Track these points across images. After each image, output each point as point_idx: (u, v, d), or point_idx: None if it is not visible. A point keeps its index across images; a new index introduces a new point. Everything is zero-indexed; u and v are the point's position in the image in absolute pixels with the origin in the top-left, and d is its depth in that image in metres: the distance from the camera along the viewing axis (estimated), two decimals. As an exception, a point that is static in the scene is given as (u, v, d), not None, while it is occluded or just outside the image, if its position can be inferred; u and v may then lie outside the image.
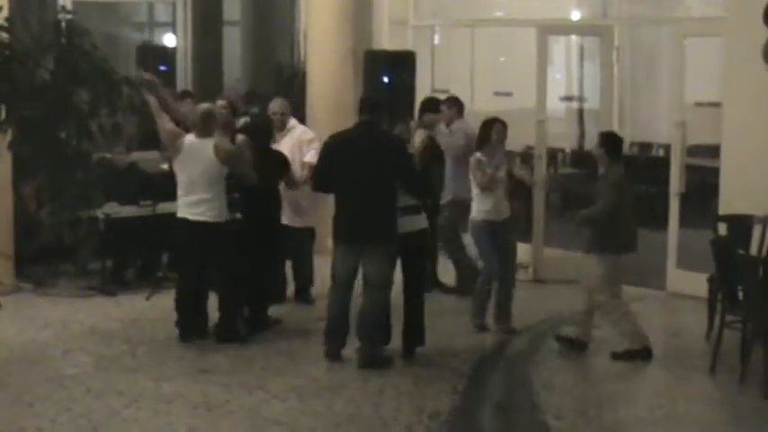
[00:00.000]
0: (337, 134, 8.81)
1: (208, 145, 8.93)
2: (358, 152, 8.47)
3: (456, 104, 11.12)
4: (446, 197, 10.82)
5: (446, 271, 11.29)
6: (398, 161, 8.51)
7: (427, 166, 9.21)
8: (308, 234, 10.58)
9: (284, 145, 10.10)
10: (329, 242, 8.94)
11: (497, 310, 9.72)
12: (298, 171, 9.97)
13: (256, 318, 9.44)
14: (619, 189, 8.97)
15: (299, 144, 10.26)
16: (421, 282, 9.02)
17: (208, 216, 8.94)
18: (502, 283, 9.70)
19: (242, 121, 10.37)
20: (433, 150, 10.45)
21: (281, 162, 9.63)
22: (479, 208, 9.63)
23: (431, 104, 11.11)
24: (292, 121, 10.53)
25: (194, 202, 8.96)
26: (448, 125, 11.02)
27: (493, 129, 9.61)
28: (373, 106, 8.70)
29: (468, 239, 10.37)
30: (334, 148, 8.64)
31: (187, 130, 9.17)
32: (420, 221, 8.80)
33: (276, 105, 10.41)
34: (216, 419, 7.45)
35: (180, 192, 9.10)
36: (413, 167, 8.62)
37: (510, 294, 9.76)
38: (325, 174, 8.64)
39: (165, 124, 9.24)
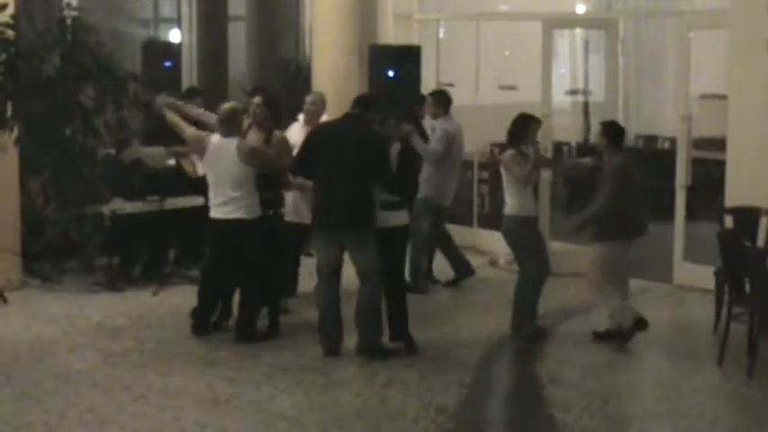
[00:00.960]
0: (323, 123, 9.15)
1: (231, 144, 8.91)
2: (338, 143, 8.60)
3: (443, 100, 10.89)
4: (421, 193, 10.62)
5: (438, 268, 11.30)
6: (374, 156, 8.57)
7: (406, 164, 9.10)
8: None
9: None
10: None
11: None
12: None
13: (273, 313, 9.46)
14: (618, 179, 8.97)
15: None
16: (395, 279, 8.86)
17: (239, 214, 8.91)
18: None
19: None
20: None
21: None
22: (520, 203, 9.29)
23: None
24: (325, 116, 10.39)
25: (223, 202, 8.94)
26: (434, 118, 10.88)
27: (530, 128, 9.40)
28: (364, 102, 8.86)
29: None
30: (317, 137, 8.84)
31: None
32: (396, 217, 8.73)
33: (310, 96, 10.48)
34: (223, 414, 7.46)
35: (210, 192, 9.09)
36: (386, 164, 8.63)
37: (540, 293, 9.54)
38: (303, 160, 8.81)
39: (187, 132, 9.28)
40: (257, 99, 9.53)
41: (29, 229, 10.96)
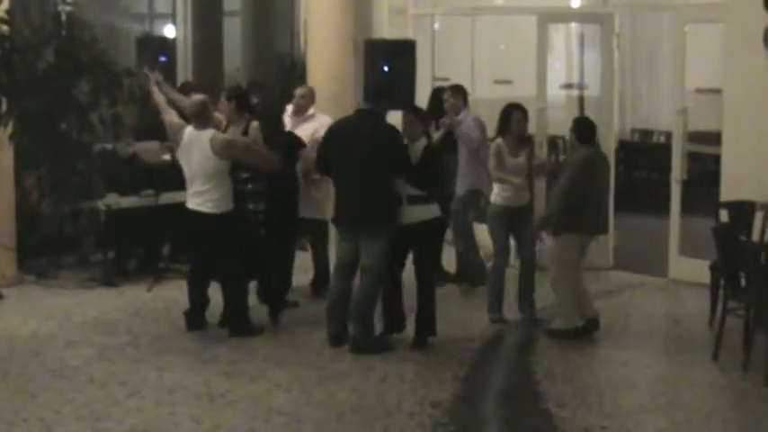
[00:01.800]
0: (338, 120, 9.13)
1: (204, 136, 8.88)
2: (353, 139, 8.65)
3: (461, 93, 10.93)
4: (462, 188, 10.68)
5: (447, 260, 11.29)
6: (387, 150, 8.60)
7: (439, 155, 9.14)
8: (323, 226, 10.37)
9: (302, 131, 10.17)
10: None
11: (519, 297, 9.73)
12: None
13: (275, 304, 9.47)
14: (577, 174, 9.00)
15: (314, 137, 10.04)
16: (430, 273, 8.91)
17: (207, 207, 8.88)
18: (524, 271, 9.70)
19: None
20: (444, 140, 10.50)
21: (294, 144, 9.66)
22: (498, 192, 9.63)
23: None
24: (312, 110, 10.56)
25: (195, 193, 8.95)
26: (456, 115, 10.86)
27: (512, 116, 9.59)
28: (375, 96, 8.92)
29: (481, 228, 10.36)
30: (333, 134, 8.89)
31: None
32: (427, 211, 8.71)
33: (300, 90, 10.62)
34: (218, 409, 7.46)
35: (187, 183, 9.11)
36: (401, 157, 8.63)
37: (531, 282, 9.72)
38: (322, 158, 8.93)
39: (172, 118, 9.24)
40: (223, 100, 9.61)
41: (24, 224, 10.95)
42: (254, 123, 9.33)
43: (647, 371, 8.55)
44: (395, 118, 9.34)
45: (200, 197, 8.91)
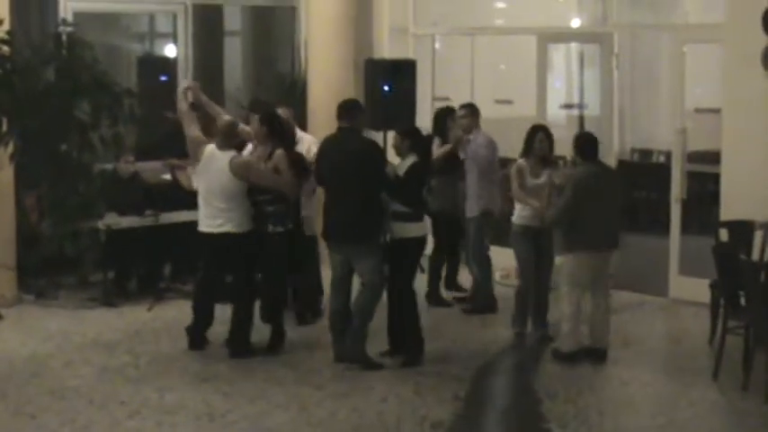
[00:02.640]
0: (325, 138, 9.24)
1: (225, 157, 8.93)
2: (336, 156, 8.82)
3: (473, 113, 10.87)
4: (474, 210, 10.60)
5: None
6: (368, 166, 8.68)
7: (422, 174, 9.12)
8: (313, 242, 10.34)
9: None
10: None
11: (533, 316, 9.71)
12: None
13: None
14: (575, 191, 8.96)
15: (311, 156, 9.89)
16: (404, 292, 8.85)
17: (226, 228, 8.92)
18: (538, 289, 9.68)
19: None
20: (447, 159, 10.51)
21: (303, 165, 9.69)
22: (520, 213, 9.62)
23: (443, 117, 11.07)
24: (299, 133, 10.47)
25: (212, 214, 8.96)
26: (468, 133, 10.82)
27: (536, 137, 9.62)
28: (346, 111, 8.96)
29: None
30: (322, 151, 9.09)
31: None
32: (408, 229, 8.75)
33: (281, 112, 10.32)
34: (218, 429, 7.46)
35: (200, 203, 9.11)
36: (381, 173, 8.71)
37: (545, 301, 9.69)
38: (317, 174, 9.12)
39: (192, 132, 9.25)
40: (256, 116, 9.53)
41: (24, 243, 10.94)
42: (279, 152, 9.12)
43: (648, 390, 8.54)
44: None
45: (219, 218, 8.93)
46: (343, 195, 8.73)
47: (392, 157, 9.35)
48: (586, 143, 9.27)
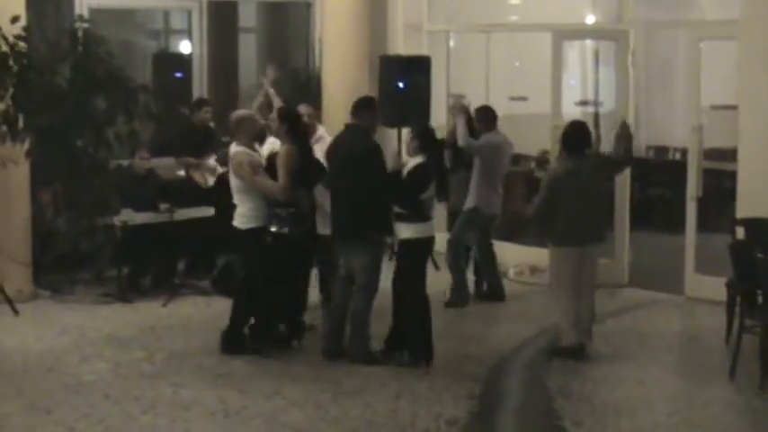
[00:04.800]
0: (335, 136, 9.25)
1: (233, 152, 9.04)
2: (339, 154, 8.86)
3: (485, 117, 10.84)
4: (466, 204, 10.67)
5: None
6: (363, 164, 8.67)
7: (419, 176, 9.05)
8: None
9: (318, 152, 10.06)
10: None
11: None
12: None
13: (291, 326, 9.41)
14: (553, 187, 8.94)
15: None
16: (407, 293, 8.80)
17: (236, 222, 8.98)
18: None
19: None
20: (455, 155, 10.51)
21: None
22: None
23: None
24: (321, 130, 10.44)
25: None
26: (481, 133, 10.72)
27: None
28: (355, 108, 8.97)
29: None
30: (329, 150, 9.10)
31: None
32: (411, 230, 8.70)
33: (302, 108, 10.29)
34: (233, 426, 7.46)
35: None
36: (374, 173, 8.68)
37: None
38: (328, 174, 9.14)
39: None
40: (275, 116, 9.53)
41: (40, 240, 10.98)
42: (285, 148, 9.02)
43: (663, 389, 8.52)
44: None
45: (235, 212, 9.02)
46: (339, 193, 8.79)
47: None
48: (570, 137, 9.15)
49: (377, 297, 8.81)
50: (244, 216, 8.97)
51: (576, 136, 9.15)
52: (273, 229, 8.96)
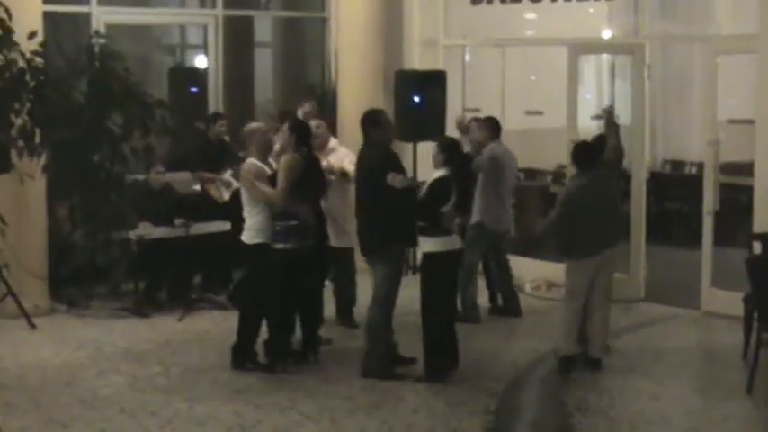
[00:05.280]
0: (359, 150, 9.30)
1: (244, 164, 9.08)
2: (359, 168, 9.02)
3: (487, 127, 10.76)
4: (473, 218, 10.55)
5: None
6: (378, 179, 8.66)
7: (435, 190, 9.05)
8: (349, 254, 10.28)
9: (335, 161, 10.06)
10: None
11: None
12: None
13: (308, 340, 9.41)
14: (569, 203, 9.00)
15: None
16: (426, 306, 8.78)
17: (244, 237, 8.98)
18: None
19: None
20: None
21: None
22: None
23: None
24: (333, 142, 10.44)
25: None
26: (478, 150, 10.67)
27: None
28: (362, 125, 9.03)
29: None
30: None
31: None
32: (430, 243, 8.70)
33: (313, 122, 10.20)
34: (249, 440, 7.46)
35: None
36: (374, 185, 8.71)
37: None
38: None
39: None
40: (284, 128, 9.50)
41: (56, 254, 11.01)
42: (289, 156, 8.93)
43: (680, 404, 8.48)
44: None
45: (244, 225, 9.05)
46: (360, 207, 8.91)
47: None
48: (581, 153, 9.22)
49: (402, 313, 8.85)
50: (251, 230, 8.94)
51: (582, 153, 9.22)
52: (279, 246, 8.85)
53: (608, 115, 10.19)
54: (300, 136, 9.09)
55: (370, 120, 9.03)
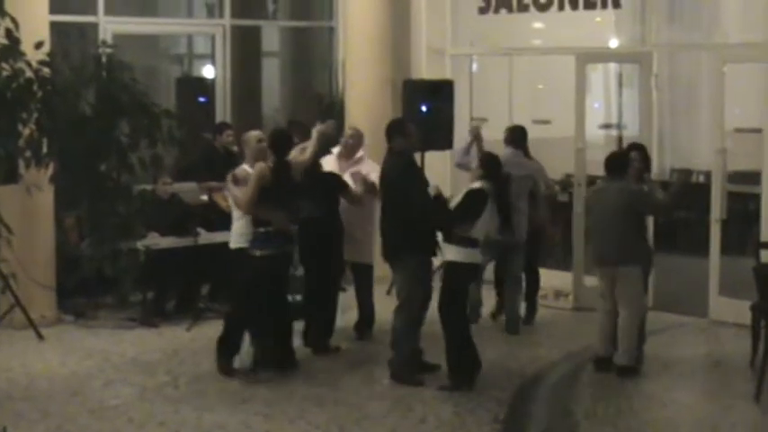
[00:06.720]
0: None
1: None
2: (382, 177, 9.21)
3: (510, 136, 10.82)
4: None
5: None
6: (398, 187, 8.86)
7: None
8: (365, 270, 10.25)
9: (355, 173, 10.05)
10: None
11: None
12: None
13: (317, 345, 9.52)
14: (587, 203, 9.57)
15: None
16: (443, 314, 8.79)
17: (231, 241, 9.28)
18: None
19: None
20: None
21: (334, 185, 9.65)
22: None
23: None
24: (361, 152, 10.34)
25: None
26: None
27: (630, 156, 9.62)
28: (387, 133, 9.12)
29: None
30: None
31: None
32: (453, 252, 8.72)
33: (349, 131, 10.62)
34: (257, 450, 7.45)
35: None
36: (399, 194, 8.82)
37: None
38: None
39: None
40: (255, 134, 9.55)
41: (64, 264, 11.02)
42: (259, 165, 9.02)
43: (688, 412, 8.47)
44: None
45: None
46: (384, 215, 9.09)
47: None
48: (609, 161, 9.39)
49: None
50: (234, 234, 9.24)
51: (614, 160, 9.40)
52: (258, 253, 8.91)
53: (680, 179, 10.17)
54: (274, 144, 9.17)
55: (396, 128, 9.10)
